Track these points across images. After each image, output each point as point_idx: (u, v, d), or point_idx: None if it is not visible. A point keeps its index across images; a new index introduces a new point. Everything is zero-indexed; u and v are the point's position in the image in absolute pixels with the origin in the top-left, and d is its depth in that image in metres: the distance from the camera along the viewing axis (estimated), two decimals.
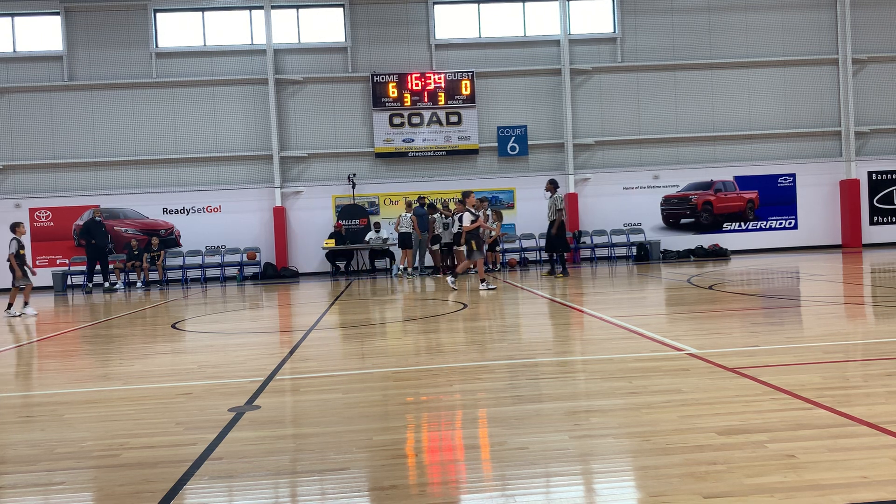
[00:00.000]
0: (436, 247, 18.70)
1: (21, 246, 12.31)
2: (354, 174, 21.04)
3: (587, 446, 3.51)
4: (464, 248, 18.64)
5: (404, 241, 18.63)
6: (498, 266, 18.92)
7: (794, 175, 22.26)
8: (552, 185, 15.29)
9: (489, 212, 18.62)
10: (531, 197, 21.30)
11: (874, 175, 22.40)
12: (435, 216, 18.68)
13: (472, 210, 13.07)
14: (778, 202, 22.24)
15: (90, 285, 18.85)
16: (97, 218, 18.66)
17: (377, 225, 20.66)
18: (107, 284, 18.83)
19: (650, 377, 4.94)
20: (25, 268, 12.30)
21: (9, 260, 12.23)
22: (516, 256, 20.91)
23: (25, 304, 12.27)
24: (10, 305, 12.38)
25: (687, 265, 18.00)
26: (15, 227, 12.39)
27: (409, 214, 18.60)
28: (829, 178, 22.30)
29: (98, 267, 18.77)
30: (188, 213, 21.26)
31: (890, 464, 3.05)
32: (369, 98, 21.40)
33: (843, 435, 3.48)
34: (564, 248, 15.43)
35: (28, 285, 12.37)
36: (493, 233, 18.36)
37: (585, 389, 4.79)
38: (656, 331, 6.98)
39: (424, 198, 19.62)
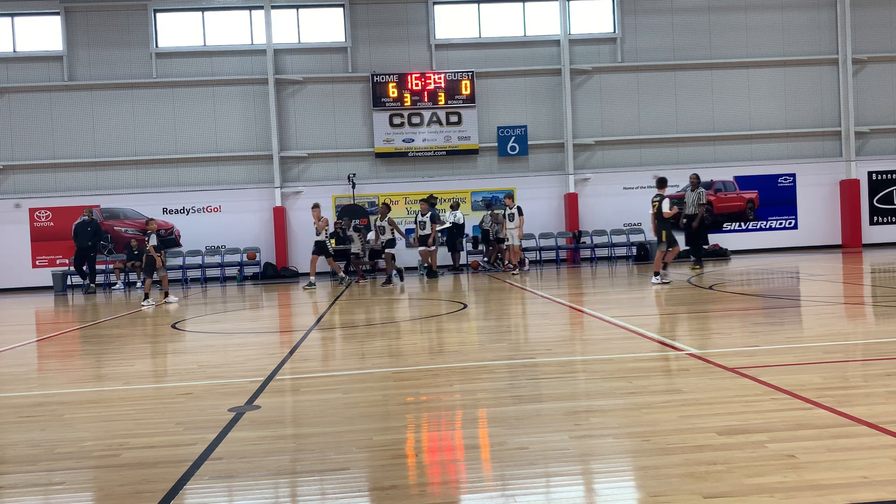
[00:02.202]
0: (391, 250, 16.70)
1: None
2: (354, 174, 21.03)
3: (587, 446, 3.51)
4: (434, 249, 17.96)
5: (319, 247, 16.29)
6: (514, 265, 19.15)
7: (794, 175, 22.25)
8: (697, 179, 15.25)
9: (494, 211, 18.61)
10: (531, 197, 21.31)
11: (874, 175, 22.39)
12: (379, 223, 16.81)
13: (669, 197, 12.56)
14: (778, 202, 22.23)
15: (91, 285, 18.67)
16: (83, 218, 18.54)
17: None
18: (91, 286, 18.63)
19: (650, 377, 4.94)
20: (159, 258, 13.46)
21: (148, 252, 13.31)
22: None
23: (166, 294, 13.65)
24: (166, 294, 13.64)
25: (687, 265, 17.99)
26: (149, 222, 13.69)
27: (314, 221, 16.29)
28: (829, 178, 22.30)
29: (86, 267, 18.64)
30: (188, 213, 21.26)
31: (890, 464, 3.05)
32: (369, 98, 21.40)
33: (843, 435, 3.48)
34: (705, 241, 15.58)
35: (164, 276, 13.74)
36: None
37: (585, 389, 4.79)
38: (656, 331, 6.98)
39: (434, 197, 19.28)
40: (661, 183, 12.70)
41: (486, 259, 19.60)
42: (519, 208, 17.38)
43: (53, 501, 3.14)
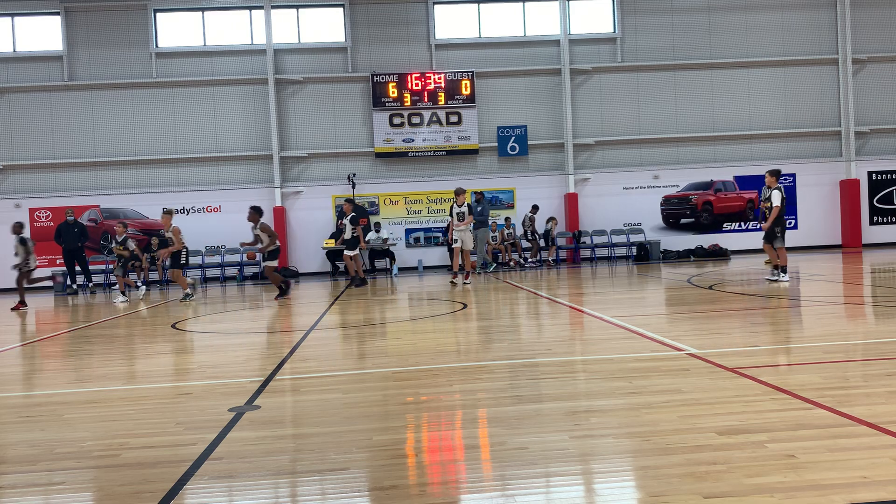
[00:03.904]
0: (274, 262, 13.72)
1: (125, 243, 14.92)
2: (354, 174, 21.04)
3: (587, 446, 3.51)
4: (356, 254, 15.91)
5: (175, 260, 14.28)
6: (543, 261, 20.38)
7: (794, 175, 22.25)
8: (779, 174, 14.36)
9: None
10: (531, 197, 21.33)
11: (874, 175, 22.40)
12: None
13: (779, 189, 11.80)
14: None
15: (74, 286, 18.59)
16: (69, 219, 18.53)
17: (377, 225, 20.65)
18: (90, 285, 18.70)
19: (650, 377, 4.93)
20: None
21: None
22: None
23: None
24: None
25: (687, 265, 18.00)
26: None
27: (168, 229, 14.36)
28: (829, 178, 22.30)
29: (78, 268, 18.63)
30: (188, 213, 21.26)
31: (890, 464, 3.05)
32: (369, 98, 21.40)
33: (843, 435, 3.47)
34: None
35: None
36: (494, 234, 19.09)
37: (585, 389, 4.79)
38: (656, 331, 6.98)
39: (481, 193, 18.38)
40: (774, 174, 12.04)
41: (527, 258, 20.44)
42: (469, 206, 14.63)
43: (53, 501, 3.14)
